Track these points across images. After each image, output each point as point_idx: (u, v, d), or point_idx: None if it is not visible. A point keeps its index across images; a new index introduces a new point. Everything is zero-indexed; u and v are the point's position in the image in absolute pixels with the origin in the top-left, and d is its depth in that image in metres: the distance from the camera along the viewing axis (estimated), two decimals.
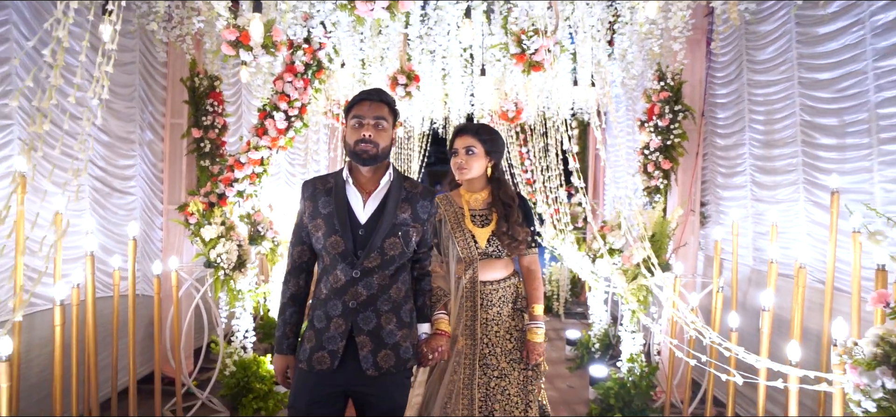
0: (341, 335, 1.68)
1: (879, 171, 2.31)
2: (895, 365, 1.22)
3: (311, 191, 1.75)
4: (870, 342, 1.32)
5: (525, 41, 3.06)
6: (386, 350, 1.69)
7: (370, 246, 1.67)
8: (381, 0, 2.07)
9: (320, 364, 1.67)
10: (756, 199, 3.33)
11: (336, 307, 1.69)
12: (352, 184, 1.71)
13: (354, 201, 1.71)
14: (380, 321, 1.70)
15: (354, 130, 1.67)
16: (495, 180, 2.19)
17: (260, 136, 3.77)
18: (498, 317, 2.15)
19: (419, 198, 1.76)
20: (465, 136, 2.15)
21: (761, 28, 3.16)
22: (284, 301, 1.78)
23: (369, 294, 1.69)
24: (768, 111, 3.16)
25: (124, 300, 3.17)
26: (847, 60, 2.48)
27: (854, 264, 1.95)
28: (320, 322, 1.71)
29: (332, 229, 1.68)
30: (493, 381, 2.11)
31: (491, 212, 2.16)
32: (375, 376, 1.68)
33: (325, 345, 1.68)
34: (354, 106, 1.71)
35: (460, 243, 2.14)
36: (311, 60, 3.73)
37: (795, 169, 2.90)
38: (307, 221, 1.74)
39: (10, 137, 2.71)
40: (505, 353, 2.13)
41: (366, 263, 1.68)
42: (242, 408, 3.49)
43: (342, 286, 1.68)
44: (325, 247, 1.69)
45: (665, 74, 3.76)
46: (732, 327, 2.40)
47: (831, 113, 2.61)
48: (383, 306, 1.71)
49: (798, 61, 2.85)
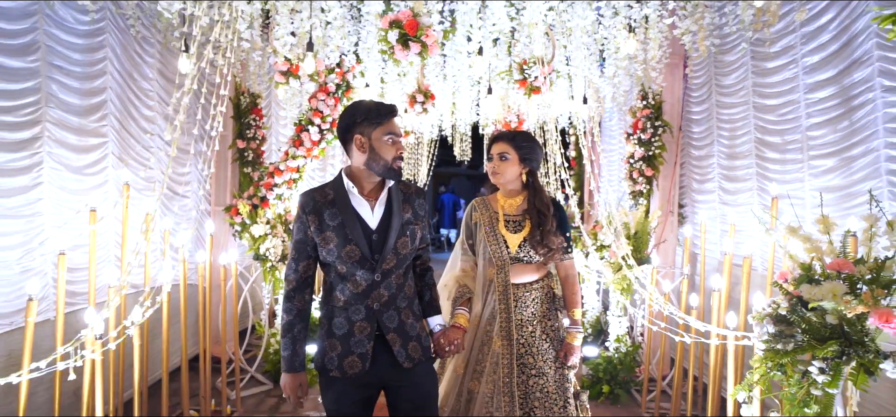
0: (368, 336, 1.73)
1: (809, 180, 2.90)
2: (776, 318, 1.81)
3: (313, 205, 1.72)
4: (765, 306, 1.90)
5: (527, 70, 3.65)
6: (412, 342, 1.78)
7: (386, 249, 1.73)
8: (415, 47, 2.64)
9: (352, 368, 1.72)
10: (722, 202, 3.92)
11: (359, 312, 1.73)
12: (357, 193, 1.74)
13: (362, 209, 1.74)
14: (401, 317, 1.78)
15: (390, 147, 1.72)
16: (531, 187, 2.20)
17: (297, 147, 4.37)
18: (532, 318, 2.18)
19: (415, 197, 1.83)
20: (500, 142, 2.18)
21: (726, 58, 3.75)
22: (291, 319, 1.74)
23: (390, 294, 1.75)
24: (731, 128, 3.75)
25: (192, 288, 3.76)
26: (786, 90, 3.08)
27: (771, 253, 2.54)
28: (341, 329, 1.73)
29: (345, 240, 1.70)
30: (531, 380, 2.13)
31: (525, 218, 2.19)
32: (409, 368, 1.76)
33: (353, 349, 1.72)
34: (386, 122, 1.72)
35: (492, 247, 2.17)
36: (341, 80, 4.33)
37: (751, 178, 3.49)
38: (314, 235, 1.71)
39: (105, 152, 3.30)
40: (540, 353, 2.16)
41: (384, 265, 1.73)
42: None
43: (363, 291, 1.72)
44: (339, 257, 1.70)
45: (647, 93, 4.36)
46: (693, 305, 2.99)
47: (776, 132, 3.21)
48: (402, 303, 1.79)
49: (753, 88, 3.44)
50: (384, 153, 1.70)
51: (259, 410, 3.72)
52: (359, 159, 1.73)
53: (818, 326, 1.70)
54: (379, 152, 1.70)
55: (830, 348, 1.62)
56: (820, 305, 1.68)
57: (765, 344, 1.85)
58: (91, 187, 3.18)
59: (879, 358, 1.57)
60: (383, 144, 1.70)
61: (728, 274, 3.04)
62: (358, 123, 1.71)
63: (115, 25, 3.33)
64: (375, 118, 1.71)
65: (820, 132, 2.84)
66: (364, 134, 1.70)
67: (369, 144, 1.70)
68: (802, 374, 1.75)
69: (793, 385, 1.77)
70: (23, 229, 2.72)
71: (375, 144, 1.70)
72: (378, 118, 1.71)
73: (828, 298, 1.66)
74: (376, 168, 1.71)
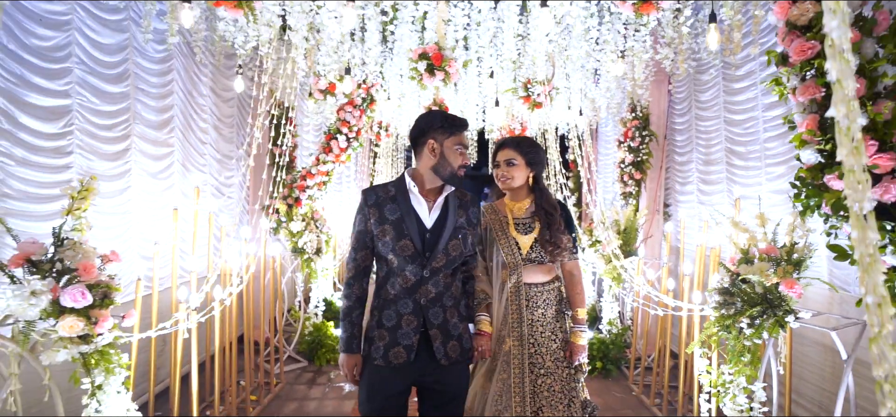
0: (414, 330, 1.81)
1: (766, 184, 3.48)
2: (721, 290, 2.38)
3: (375, 199, 1.84)
4: (718, 281, 2.48)
5: (530, 88, 4.24)
6: (453, 341, 1.86)
7: (437, 248, 1.82)
8: (439, 75, 3.22)
9: (397, 359, 1.80)
10: (700, 202, 4.51)
11: (407, 305, 1.82)
12: (417, 192, 1.84)
13: (420, 208, 1.84)
14: (446, 315, 1.85)
15: (459, 155, 1.85)
16: (538, 190, 2.26)
17: (326, 153, 4.95)
18: (543, 318, 2.21)
19: (470, 205, 1.94)
20: (506, 149, 2.24)
21: (702, 77, 4.34)
22: (350, 304, 1.86)
23: (437, 292, 1.84)
24: (707, 138, 4.33)
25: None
26: (749, 108, 3.66)
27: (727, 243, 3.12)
28: (390, 321, 1.82)
29: (401, 234, 1.80)
30: (540, 379, 2.15)
31: (534, 220, 2.24)
32: (446, 365, 1.84)
33: (399, 341, 1.80)
34: (458, 133, 1.86)
35: (505, 250, 2.22)
36: (366, 95, 4.92)
37: (722, 181, 4.08)
38: (373, 227, 1.83)
39: (172, 159, 3.89)
40: (550, 353, 2.18)
41: (433, 263, 1.82)
42: (317, 359, 4.67)
43: (412, 285, 1.82)
44: (394, 250, 1.80)
45: (636, 106, 4.94)
46: (670, 288, 3.57)
47: (742, 143, 3.79)
48: (448, 301, 1.87)
49: (724, 104, 4.02)
50: (452, 160, 1.83)
51: (298, 382, 4.31)
52: (428, 161, 1.85)
53: (750, 294, 2.29)
54: (448, 159, 1.83)
55: (756, 309, 2.21)
56: (750, 278, 2.27)
57: (714, 311, 2.43)
58: (163, 189, 3.76)
59: (787, 315, 2.16)
60: (453, 151, 1.84)
61: (701, 262, 3.62)
62: (433, 130, 1.84)
63: (179, 51, 3.91)
64: (449, 128, 1.84)
65: (773, 145, 3.42)
66: (437, 140, 1.83)
67: (441, 150, 1.83)
68: (739, 331, 2.33)
69: (732, 339, 2.36)
70: (116, 224, 3.30)
71: (446, 150, 1.83)
72: (452, 128, 1.85)
73: (756, 273, 2.24)
74: (442, 173, 1.84)
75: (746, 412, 2.41)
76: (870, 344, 0.92)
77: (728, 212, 3.01)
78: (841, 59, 0.90)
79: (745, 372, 2.38)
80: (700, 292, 3.09)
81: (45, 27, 2.67)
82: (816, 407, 3.07)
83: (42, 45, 2.66)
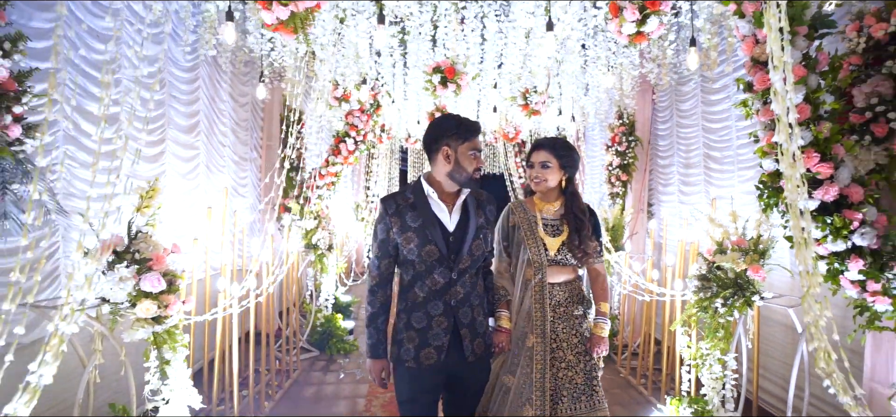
0: (445, 330, 1.85)
1: (738, 185, 3.93)
2: (699, 276, 2.80)
3: (395, 207, 1.86)
4: (697, 269, 2.90)
5: (528, 97, 4.63)
6: (479, 339, 1.93)
7: (462, 250, 1.86)
8: (451, 87, 3.58)
9: (428, 360, 1.84)
10: (680, 202, 4.95)
11: (437, 307, 1.85)
12: (436, 198, 1.87)
13: (441, 213, 1.87)
14: (473, 314, 1.91)
15: (472, 159, 1.86)
16: (570, 193, 2.27)
17: (336, 156, 5.28)
18: (565, 315, 2.23)
19: (486, 204, 1.98)
20: (542, 151, 2.24)
21: (683, 88, 4.78)
22: (375, 311, 1.90)
23: (465, 292, 1.88)
24: (687, 144, 4.78)
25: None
26: (724, 118, 4.10)
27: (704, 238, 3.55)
28: (420, 323, 1.86)
29: (425, 240, 1.83)
30: (561, 372, 2.19)
31: (562, 223, 2.26)
32: (473, 361, 1.90)
33: (430, 342, 1.85)
34: (472, 138, 1.86)
35: (532, 250, 2.23)
36: (373, 100, 5.25)
37: (700, 183, 4.52)
38: (395, 235, 1.86)
39: (198, 161, 4.17)
40: (571, 347, 2.21)
41: (460, 265, 1.86)
42: (329, 349, 4.99)
43: (441, 288, 1.85)
44: (419, 256, 1.84)
45: (623, 113, 5.37)
46: (654, 277, 3.99)
47: (718, 149, 4.23)
48: (475, 300, 1.92)
49: (702, 113, 4.46)
50: (466, 165, 1.84)
51: (313, 369, 4.62)
52: (443, 167, 1.86)
53: (723, 279, 2.71)
54: (462, 164, 1.84)
55: (728, 291, 2.63)
56: (723, 266, 2.68)
57: (694, 294, 2.85)
58: (190, 189, 4.05)
59: (754, 296, 2.58)
60: (467, 157, 1.84)
61: (682, 255, 4.05)
62: (447, 136, 1.85)
63: (205, 59, 4.20)
64: (463, 134, 1.85)
65: (745, 151, 3.86)
66: (451, 146, 1.84)
67: (455, 156, 1.84)
68: (714, 311, 2.75)
69: (709, 318, 2.78)
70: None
71: (460, 156, 1.84)
72: (465, 134, 1.85)
73: (729, 262, 2.66)
74: (458, 178, 1.86)
75: (720, 379, 2.83)
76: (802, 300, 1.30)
77: (705, 210, 3.43)
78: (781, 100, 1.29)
79: (719, 346, 2.81)
80: (681, 280, 3.51)
81: (100, 41, 2.96)
82: (780, 379, 3.51)
83: (99, 58, 2.95)
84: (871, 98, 2.04)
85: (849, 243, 1.93)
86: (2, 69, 1.78)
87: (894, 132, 2.02)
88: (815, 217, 1.92)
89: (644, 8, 2.31)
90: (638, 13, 2.32)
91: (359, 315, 6.39)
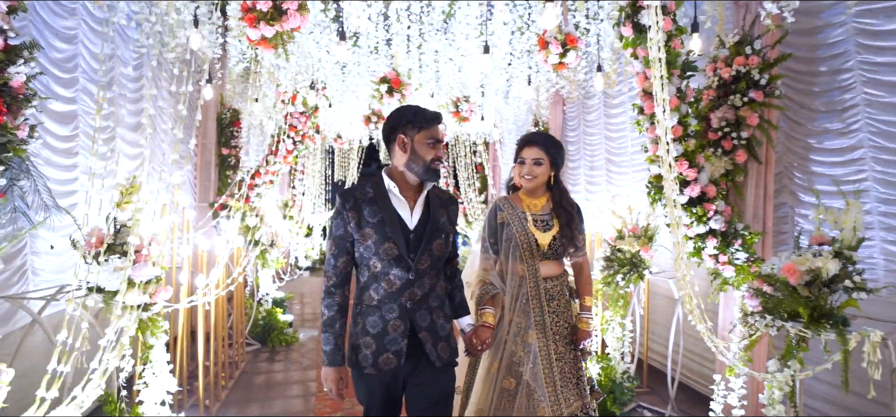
0: (401, 334, 1.77)
1: (633, 185, 4.78)
2: (604, 258, 3.53)
3: (353, 202, 1.77)
4: (603, 253, 3.62)
5: (459, 105, 5.18)
6: (442, 343, 1.83)
7: (422, 249, 1.77)
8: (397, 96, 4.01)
9: (387, 365, 1.76)
10: (586, 199, 5.80)
11: (393, 310, 1.77)
12: (397, 193, 1.79)
13: (402, 209, 1.79)
14: (432, 317, 1.81)
15: (431, 148, 1.77)
16: (558, 189, 2.30)
17: (274, 155, 5.47)
18: (558, 309, 2.27)
19: (449, 203, 1.90)
20: (534, 147, 2.23)
21: (589, 102, 5.61)
22: (332, 314, 1.79)
23: (423, 294, 1.79)
24: (592, 150, 5.62)
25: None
26: (622, 128, 4.95)
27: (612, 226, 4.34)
28: (375, 328, 1.77)
29: (384, 237, 1.74)
30: (556, 365, 2.22)
31: (552, 217, 2.26)
32: (439, 367, 1.81)
33: (388, 347, 1.76)
34: (429, 127, 1.78)
35: (524, 246, 2.21)
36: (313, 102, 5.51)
37: (603, 183, 5.37)
38: (352, 231, 1.77)
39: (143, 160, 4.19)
40: (563, 339, 2.25)
41: (419, 265, 1.77)
42: (270, 341, 5.19)
43: (398, 289, 1.76)
44: (377, 254, 1.75)
45: (538, 120, 6.12)
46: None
47: (617, 155, 5.08)
48: (434, 303, 1.83)
49: (604, 124, 5.30)
50: (423, 154, 1.76)
51: (258, 361, 4.81)
52: (400, 159, 1.79)
53: (622, 259, 3.44)
54: (419, 153, 1.76)
55: (626, 268, 3.36)
56: (622, 248, 3.41)
57: (600, 273, 3.56)
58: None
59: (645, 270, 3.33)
60: (424, 146, 1.76)
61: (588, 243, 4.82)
62: (402, 125, 1.78)
63: (148, 57, 4.24)
64: (419, 122, 1.77)
65: (638, 157, 4.71)
66: (407, 135, 1.77)
67: (411, 145, 1.76)
68: (616, 285, 3.48)
69: (612, 291, 3.50)
70: None
71: (416, 145, 1.76)
72: (421, 122, 1.77)
73: (626, 245, 3.39)
74: (415, 169, 1.77)
75: (621, 339, 3.57)
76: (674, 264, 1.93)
77: (608, 205, 4.20)
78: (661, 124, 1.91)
79: (620, 313, 3.54)
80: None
81: (61, 40, 3.02)
82: (662, 340, 4.39)
83: (58, 56, 3.01)
84: (721, 122, 2.82)
85: (707, 227, 2.69)
86: (20, 76, 1.94)
87: (736, 147, 2.81)
88: (685, 208, 2.65)
89: (566, 44, 2.93)
90: (561, 47, 2.93)
91: (293, 310, 6.57)
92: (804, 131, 2.97)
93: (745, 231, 2.67)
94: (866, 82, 2.65)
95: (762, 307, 2.18)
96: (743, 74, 2.73)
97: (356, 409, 3.63)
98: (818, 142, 2.92)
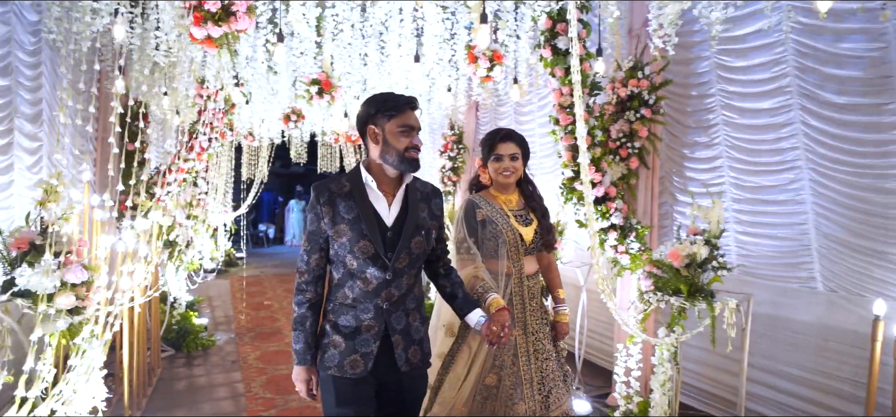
0: (375, 336, 1.68)
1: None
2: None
3: (328, 196, 1.68)
4: None
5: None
6: (414, 347, 1.74)
7: (400, 247, 1.67)
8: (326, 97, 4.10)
9: (354, 368, 1.67)
10: None
11: (368, 310, 1.68)
12: (375, 187, 1.68)
13: (379, 205, 1.69)
14: (408, 319, 1.73)
15: (404, 136, 1.65)
16: (529, 183, 2.31)
17: (188, 152, 5.25)
18: (536, 308, 2.27)
19: (432, 196, 1.79)
20: (511, 143, 2.22)
21: (501, 109, 6.10)
22: (303, 312, 1.72)
23: (400, 294, 1.70)
24: None
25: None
26: (530, 134, 5.48)
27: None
28: (348, 327, 1.69)
29: (359, 234, 1.65)
30: (544, 364, 2.22)
31: (528, 212, 2.27)
32: (407, 371, 1.72)
33: (357, 349, 1.68)
34: (399, 114, 1.66)
35: (510, 242, 2.18)
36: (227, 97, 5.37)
37: None
38: (326, 227, 1.68)
39: (42, 153, 3.85)
40: (545, 336, 2.25)
41: (397, 264, 1.68)
42: (185, 347, 4.99)
43: (374, 289, 1.68)
44: (352, 251, 1.66)
45: (454, 125, 6.51)
46: None
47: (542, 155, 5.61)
48: (411, 304, 1.73)
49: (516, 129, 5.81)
50: (397, 144, 1.65)
51: (174, 366, 4.62)
52: (374, 151, 1.69)
53: None
54: (391, 143, 1.66)
55: None
56: None
57: None
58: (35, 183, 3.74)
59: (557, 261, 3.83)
60: (395, 135, 1.65)
61: None
62: (372, 116, 1.68)
63: (47, 43, 3.90)
64: (390, 110, 1.66)
65: (547, 161, 5.27)
66: (378, 125, 1.67)
67: (383, 135, 1.67)
68: None
69: None
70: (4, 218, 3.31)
71: (388, 135, 1.66)
72: (392, 110, 1.66)
73: None
74: (390, 160, 1.67)
75: None
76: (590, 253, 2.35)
77: None
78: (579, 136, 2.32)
79: None
80: None
81: None
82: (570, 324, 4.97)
83: None
84: (619, 133, 3.36)
85: (609, 222, 3.20)
86: None
87: (631, 155, 3.37)
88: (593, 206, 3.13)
89: (493, 59, 3.29)
90: (488, 62, 3.29)
91: (204, 313, 6.28)
92: (680, 143, 3.64)
93: (638, 225, 3.22)
94: (724, 106, 3.33)
95: (654, 286, 2.70)
96: (635, 94, 3.29)
97: (288, 407, 3.69)
98: (690, 152, 3.59)
